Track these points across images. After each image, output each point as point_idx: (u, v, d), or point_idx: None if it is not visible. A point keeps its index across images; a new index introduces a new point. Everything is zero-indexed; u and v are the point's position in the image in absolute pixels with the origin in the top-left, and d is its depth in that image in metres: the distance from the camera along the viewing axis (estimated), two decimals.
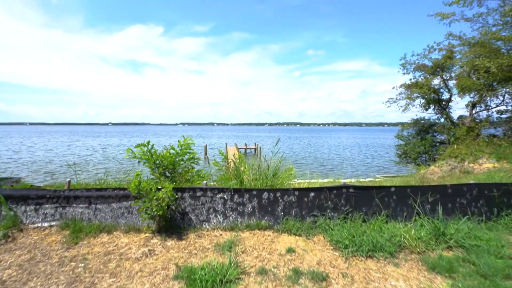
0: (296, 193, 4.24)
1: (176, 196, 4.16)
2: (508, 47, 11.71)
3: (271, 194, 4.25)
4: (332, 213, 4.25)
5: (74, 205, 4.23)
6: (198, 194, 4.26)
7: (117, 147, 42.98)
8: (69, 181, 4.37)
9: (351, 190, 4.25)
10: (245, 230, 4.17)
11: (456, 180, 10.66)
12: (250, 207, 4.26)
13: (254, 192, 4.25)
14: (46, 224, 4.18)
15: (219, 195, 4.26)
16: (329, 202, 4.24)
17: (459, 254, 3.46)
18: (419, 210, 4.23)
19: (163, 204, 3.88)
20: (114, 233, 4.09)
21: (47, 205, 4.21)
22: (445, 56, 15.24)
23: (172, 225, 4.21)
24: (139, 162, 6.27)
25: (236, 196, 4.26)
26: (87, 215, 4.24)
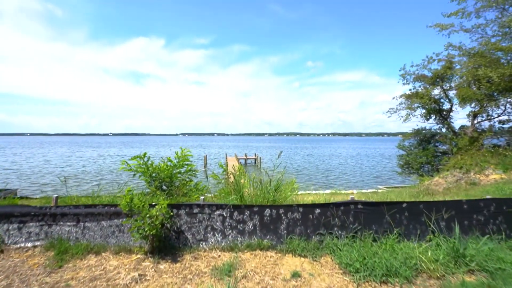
0: (301, 209, 3.94)
1: (171, 214, 3.86)
2: (508, 57, 11.71)
3: (273, 210, 3.95)
4: (340, 232, 3.93)
5: (61, 223, 3.92)
6: (195, 211, 3.95)
7: (117, 157, 42.66)
8: (57, 197, 4.07)
9: (359, 206, 3.95)
10: (245, 251, 3.84)
11: (464, 192, 10.32)
12: (251, 225, 3.95)
13: (255, 209, 3.95)
14: (29, 244, 3.85)
15: (217, 212, 3.95)
16: (336, 219, 3.93)
17: (483, 279, 3.12)
18: (434, 228, 3.91)
19: (157, 222, 3.58)
20: (103, 254, 3.76)
21: (31, 223, 3.89)
22: (445, 66, 15.27)
23: (166, 245, 3.88)
24: (134, 175, 5.99)
25: (236, 213, 3.95)
26: (74, 234, 3.92)
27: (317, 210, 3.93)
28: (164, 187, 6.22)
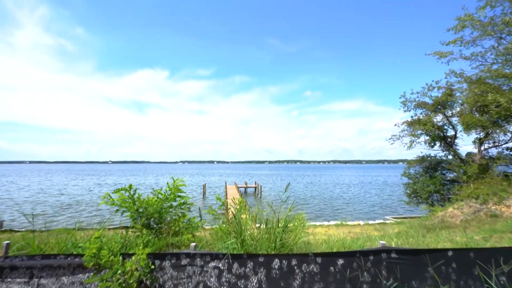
0: (319, 260, 3.08)
1: (152, 267, 2.99)
2: (511, 83, 11.60)
3: (283, 261, 3.09)
4: None
5: (9, 279, 3.02)
6: (184, 262, 3.09)
7: (113, 187, 41.25)
8: (8, 244, 3.23)
9: (393, 255, 3.11)
10: None
11: (488, 226, 9.28)
12: (255, 281, 3.05)
13: (261, 259, 3.10)
14: None
15: (212, 264, 3.08)
16: (365, 273, 3.05)
17: None
18: (494, 286, 3.01)
19: (131, 280, 2.72)
20: None
21: None
22: (446, 93, 15.20)
23: None
24: (117, 210, 5.19)
25: (235, 265, 3.08)
26: None
27: (340, 261, 3.07)
28: (152, 224, 5.38)
